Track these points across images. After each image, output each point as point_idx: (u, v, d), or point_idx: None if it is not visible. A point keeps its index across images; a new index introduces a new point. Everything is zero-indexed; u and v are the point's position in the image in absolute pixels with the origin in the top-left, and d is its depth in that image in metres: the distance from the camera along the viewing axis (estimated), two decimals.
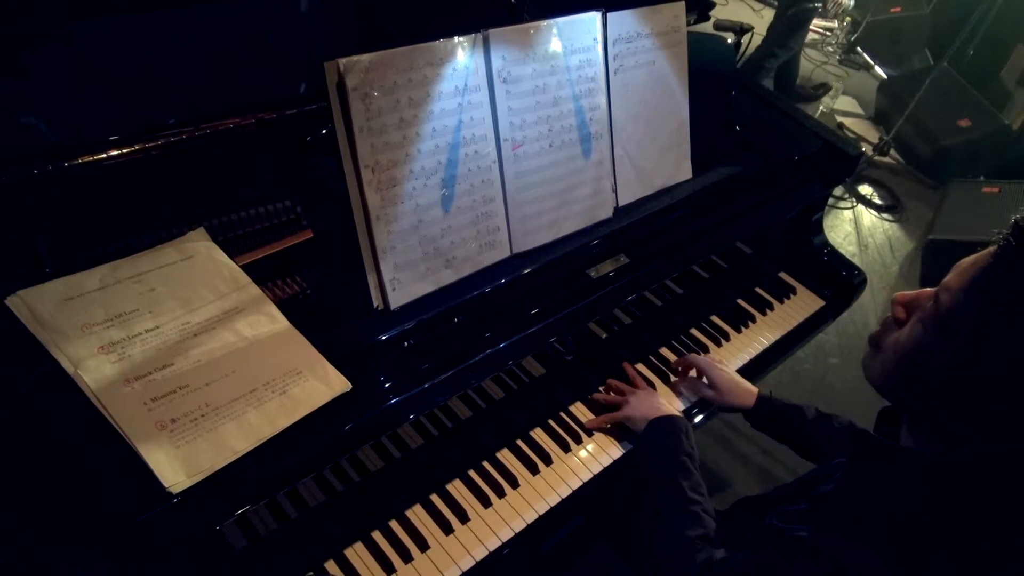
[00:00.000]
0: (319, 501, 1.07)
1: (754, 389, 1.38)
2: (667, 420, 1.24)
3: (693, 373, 1.45)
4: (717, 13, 1.99)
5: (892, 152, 4.03)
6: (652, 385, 1.43)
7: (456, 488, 1.20)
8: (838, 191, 3.63)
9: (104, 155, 1.12)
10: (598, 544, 1.45)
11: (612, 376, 1.43)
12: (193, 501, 0.85)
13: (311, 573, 1.06)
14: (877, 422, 0.99)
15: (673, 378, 1.46)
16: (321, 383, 0.99)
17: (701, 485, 1.15)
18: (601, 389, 1.40)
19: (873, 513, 0.83)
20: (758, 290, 1.71)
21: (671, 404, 1.35)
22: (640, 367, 1.47)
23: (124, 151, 1.14)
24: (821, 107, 4.29)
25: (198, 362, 0.98)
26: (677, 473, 1.14)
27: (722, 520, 1.20)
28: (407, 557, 1.10)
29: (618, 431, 1.33)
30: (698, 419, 1.41)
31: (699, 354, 1.51)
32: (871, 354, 0.91)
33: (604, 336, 1.44)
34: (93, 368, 0.94)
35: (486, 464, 1.24)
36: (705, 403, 1.41)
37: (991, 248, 0.75)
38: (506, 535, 1.16)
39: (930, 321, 0.80)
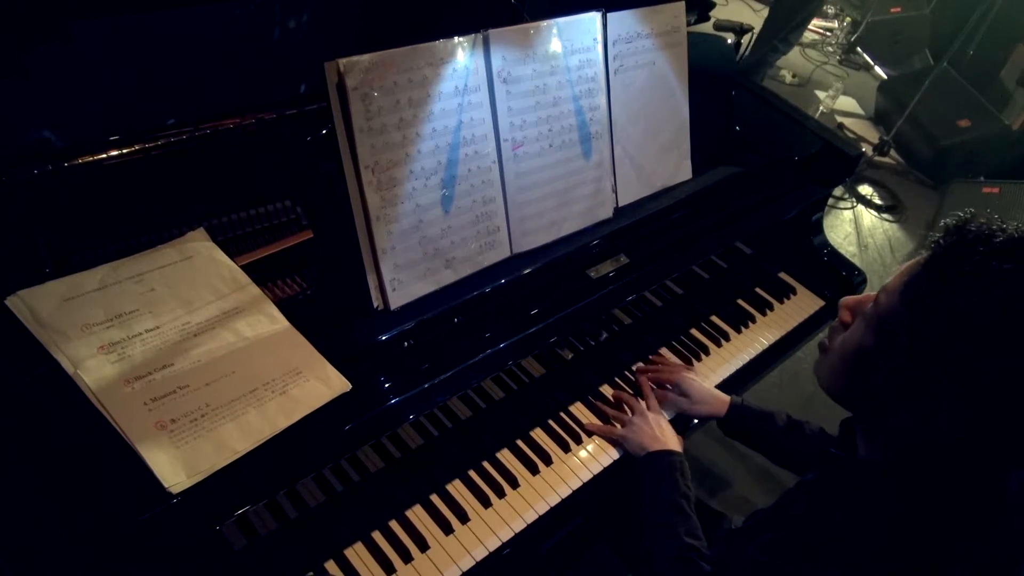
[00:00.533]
0: (319, 501, 1.07)
1: (726, 398, 1.37)
2: (664, 457, 1.21)
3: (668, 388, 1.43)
4: (717, 13, 1.99)
5: (892, 152, 4.03)
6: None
7: (456, 488, 1.20)
8: (838, 191, 3.62)
9: (104, 155, 1.12)
10: (597, 545, 1.45)
11: (612, 376, 1.44)
12: (193, 501, 0.86)
13: (311, 573, 1.06)
14: (840, 433, 1.01)
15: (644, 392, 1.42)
16: (321, 383, 0.99)
17: (697, 528, 1.13)
18: (611, 396, 1.38)
19: (839, 533, 0.84)
20: (758, 290, 1.71)
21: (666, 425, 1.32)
22: (641, 367, 1.47)
23: (124, 151, 1.14)
24: (821, 107, 4.29)
25: (198, 362, 0.98)
26: (673, 518, 1.13)
27: (717, 555, 1.20)
28: (407, 557, 1.10)
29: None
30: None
31: (692, 360, 1.50)
32: (819, 358, 0.95)
33: (604, 336, 1.44)
34: (93, 368, 0.94)
35: (486, 464, 1.24)
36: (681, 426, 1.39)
37: (925, 252, 0.80)
38: (506, 535, 1.16)
39: (870, 321, 0.84)
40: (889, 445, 0.85)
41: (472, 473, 1.22)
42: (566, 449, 1.29)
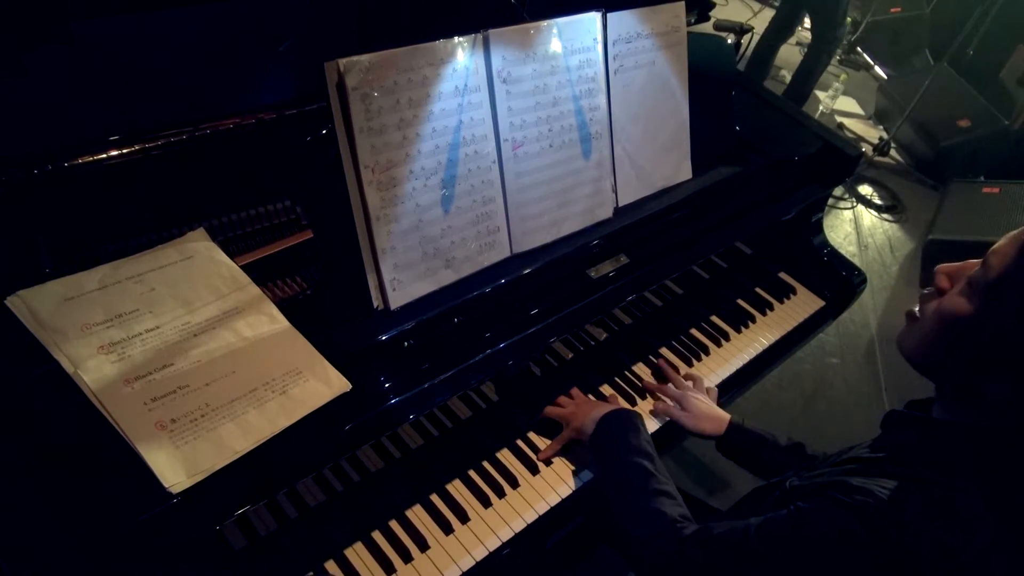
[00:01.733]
0: (319, 501, 1.07)
1: (726, 416, 1.36)
2: (617, 413, 1.21)
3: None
4: (717, 13, 1.99)
5: (892, 152, 4.04)
6: (630, 399, 1.40)
7: (456, 488, 1.20)
8: (838, 191, 3.63)
9: (104, 155, 1.12)
10: (601, 544, 1.45)
11: (612, 375, 1.44)
12: (193, 501, 0.85)
13: (311, 573, 1.06)
14: (885, 422, 0.97)
15: (649, 398, 1.42)
16: (321, 383, 0.99)
17: (665, 472, 1.11)
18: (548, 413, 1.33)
19: (905, 475, 0.81)
20: (758, 290, 1.71)
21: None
22: (642, 366, 1.47)
23: (124, 151, 1.14)
24: (821, 107, 4.29)
25: (198, 362, 0.98)
26: (643, 458, 1.11)
27: (732, 512, 1.18)
28: (407, 557, 1.10)
29: None
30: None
31: (692, 360, 1.50)
32: (907, 326, 0.91)
33: (604, 336, 1.44)
34: (93, 368, 0.94)
35: (486, 464, 1.24)
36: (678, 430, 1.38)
37: None
38: (506, 535, 1.16)
39: (977, 286, 0.79)
40: (984, 415, 0.83)
41: (472, 473, 1.22)
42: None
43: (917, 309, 0.90)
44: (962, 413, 0.86)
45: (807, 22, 4.27)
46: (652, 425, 1.37)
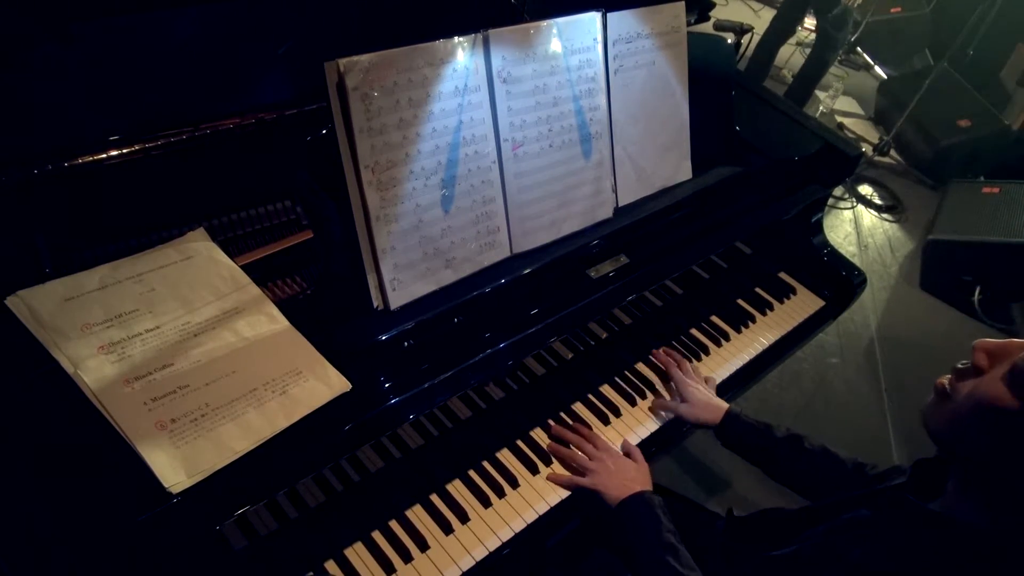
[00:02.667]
0: (319, 501, 1.07)
1: (724, 405, 1.36)
2: (642, 498, 1.16)
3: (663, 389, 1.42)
4: (717, 13, 1.99)
5: (892, 152, 4.03)
6: (630, 399, 1.41)
7: (456, 488, 1.20)
8: (838, 191, 3.63)
9: (104, 155, 1.12)
10: (598, 547, 1.45)
11: (612, 376, 1.43)
12: (193, 501, 0.86)
13: (311, 573, 1.06)
14: (914, 473, 0.94)
15: (649, 396, 1.42)
16: (321, 383, 0.99)
17: (689, 557, 1.08)
18: (570, 441, 1.29)
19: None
20: (758, 290, 1.71)
21: (636, 453, 1.29)
22: (641, 366, 1.47)
23: (124, 151, 1.14)
24: (821, 107, 4.29)
25: (198, 362, 0.98)
26: (666, 553, 1.07)
27: (721, 554, 1.17)
28: (407, 557, 1.10)
29: (619, 431, 1.33)
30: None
31: (691, 360, 1.50)
32: (935, 401, 0.86)
33: (604, 336, 1.44)
34: (93, 368, 0.94)
35: (486, 464, 1.24)
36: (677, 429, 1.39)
37: None
38: (506, 535, 1.16)
39: (1018, 379, 0.75)
40: (989, 508, 0.79)
41: (472, 473, 1.22)
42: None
43: (947, 382, 0.85)
44: (971, 507, 0.81)
45: (808, 22, 4.27)
46: (652, 426, 1.37)
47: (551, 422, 1.33)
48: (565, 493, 1.22)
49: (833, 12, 3.55)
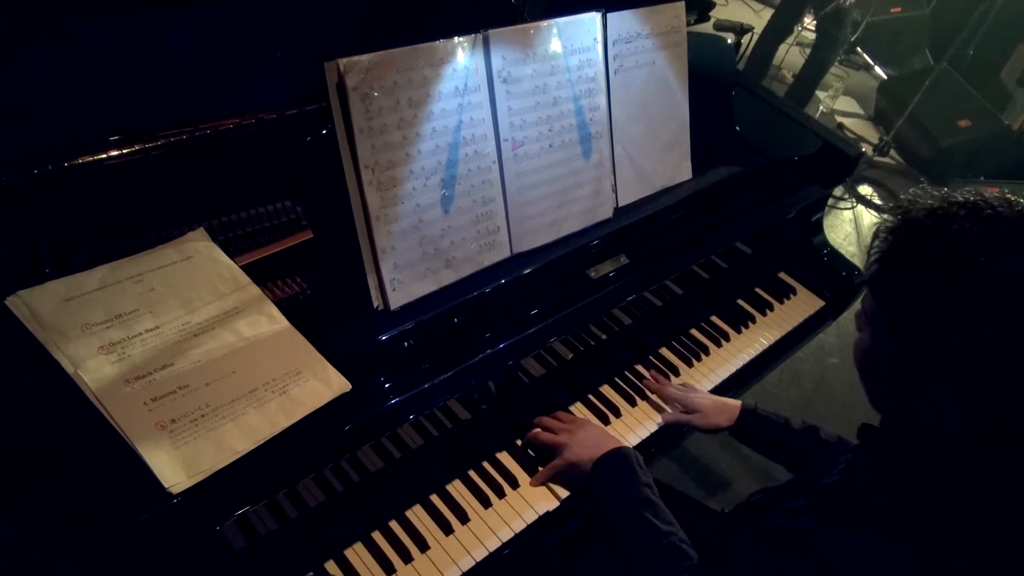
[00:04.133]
0: (319, 501, 1.07)
1: (737, 403, 1.35)
2: (615, 454, 1.15)
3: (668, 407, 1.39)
4: (717, 13, 1.99)
5: (892, 152, 4.04)
6: (630, 399, 1.40)
7: (456, 488, 1.20)
8: (838, 191, 3.63)
9: (104, 155, 1.12)
10: (598, 547, 1.45)
11: (611, 376, 1.43)
12: (193, 501, 0.85)
13: (311, 574, 1.06)
14: (859, 435, 1.00)
15: (651, 396, 1.40)
16: (321, 383, 0.99)
17: (668, 513, 1.08)
18: (535, 429, 1.28)
19: (877, 498, 0.83)
20: (758, 290, 1.71)
21: (645, 428, 1.29)
22: (640, 368, 1.47)
23: (124, 151, 1.14)
24: (821, 107, 4.29)
25: (198, 362, 0.98)
26: (643, 508, 1.07)
27: (723, 524, 1.19)
28: (407, 557, 1.10)
29: (620, 431, 1.33)
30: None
31: (677, 373, 1.48)
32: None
33: (604, 337, 1.44)
34: (93, 368, 0.94)
35: (486, 464, 1.24)
36: (677, 429, 1.38)
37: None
38: (506, 535, 1.16)
39: (862, 320, 0.93)
40: (932, 435, 0.84)
41: (472, 473, 1.22)
42: None
43: None
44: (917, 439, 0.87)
45: (807, 21, 4.27)
46: (652, 426, 1.37)
47: (570, 410, 1.32)
48: (565, 494, 1.22)
49: (826, 10, 3.55)
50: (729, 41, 1.76)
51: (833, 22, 3.60)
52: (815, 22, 3.91)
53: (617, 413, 1.37)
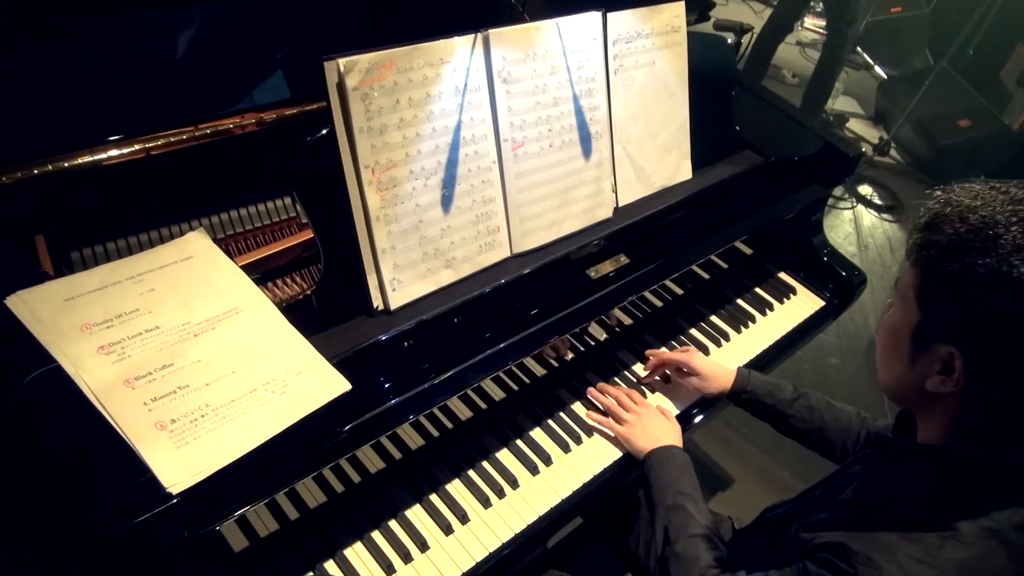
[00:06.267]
0: (319, 501, 1.07)
1: (732, 369, 1.38)
2: (669, 451, 1.22)
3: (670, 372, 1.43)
4: (717, 13, 1.99)
5: (892, 152, 4.03)
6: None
7: (456, 488, 1.20)
8: (838, 191, 3.63)
9: (104, 155, 1.12)
10: (597, 545, 1.45)
11: (612, 376, 1.44)
12: (193, 501, 0.85)
13: (311, 574, 1.06)
14: (896, 422, 1.01)
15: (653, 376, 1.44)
16: (321, 383, 0.99)
17: (708, 511, 1.14)
18: (610, 394, 1.37)
19: (894, 507, 0.83)
20: (758, 290, 1.71)
21: (670, 415, 1.33)
22: (641, 367, 1.47)
23: (124, 151, 1.14)
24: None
25: (198, 362, 0.98)
26: (686, 501, 1.13)
27: (746, 535, 1.20)
28: (407, 557, 1.10)
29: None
30: (698, 419, 1.41)
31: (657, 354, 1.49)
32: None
33: (604, 337, 1.44)
34: (93, 368, 0.94)
35: (486, 464, 1.24)
36: (700, 403, 1.41)
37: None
38: (506, 535, 1.16)
39: (896, 298, 0.89)
40: (950, 427, 0.86)
41: (472, 473, 1.22)
42: (566, 449, 1.29)
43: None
44: (941, 433, 0.87)
45: (808, 22, 4.26)
46: (676, 409, 1.39)
47: (570, 410, 1.34)
48: (565, 493, 1.22)
49: (843, 10, 3.54)
50: (729, 41, 1.75)
51: (842, 20, 3.57)
52: (824, 23, 3.89)
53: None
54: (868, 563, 0.79)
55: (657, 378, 1.44)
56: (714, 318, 1.62)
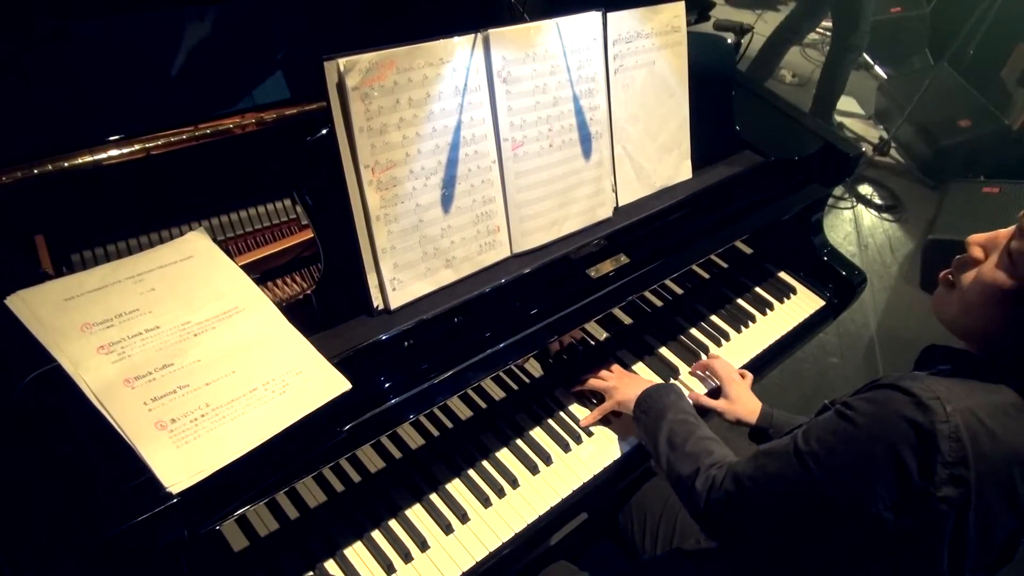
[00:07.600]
0: (319, 501, 1.07)
1: (759, 404, 1.36)
2: (661, 385, 1.27)
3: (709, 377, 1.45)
4: (717, 13, 1.99)
5: (892, 152, 4.03)
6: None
7: (456, 488, 1.20)
8: (838, 191, 3.63)
9: (104, 155, 1.12)
10: (601, 540, 1.45)
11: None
12: (193, 501, 0.85)
13: (311, 573, 1.06)
14: (921, 357, 1.00)
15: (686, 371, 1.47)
16: (321, 383, 0.99)
17: (708, 431, 1.15)
18: (585, 379, 1.38)
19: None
20: (758, 290, 1.71)
21: None
22: (642, 366, 1.47)
23: (124, 151, 1.14)
24: None
25: (198, 362, 0.98)
26: (690, 418, 1.16)
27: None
28: (407, 557, 1.10)
29: (620, 430, 1.33)
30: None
31: (690, 363, 1.50)
32: (942, 292, 0.94)
33: (604, 336, 1.44)
34: (93, 368, 0.94)
35: (486, 464, 1.24)
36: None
37: None
38: (506, 535, 1.16)
39: (1018, 255, 0.82)
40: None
41: (472, 472, 1.22)
42: (566, 449, 1.29)
43: (951, 274, 0.93)
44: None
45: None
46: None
47: (570, 410, 1.33)
48: (566, 492, 1.22)
49: (851, 18, 3.55)
50: (729, 41, 1.75)
51: (850, 28, 3.59)
52: (831, 25, 3.89)
53: (617, 413, 1.37)
54: (928, 387, 0.80)
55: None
56: (714, 318, 1.62)
